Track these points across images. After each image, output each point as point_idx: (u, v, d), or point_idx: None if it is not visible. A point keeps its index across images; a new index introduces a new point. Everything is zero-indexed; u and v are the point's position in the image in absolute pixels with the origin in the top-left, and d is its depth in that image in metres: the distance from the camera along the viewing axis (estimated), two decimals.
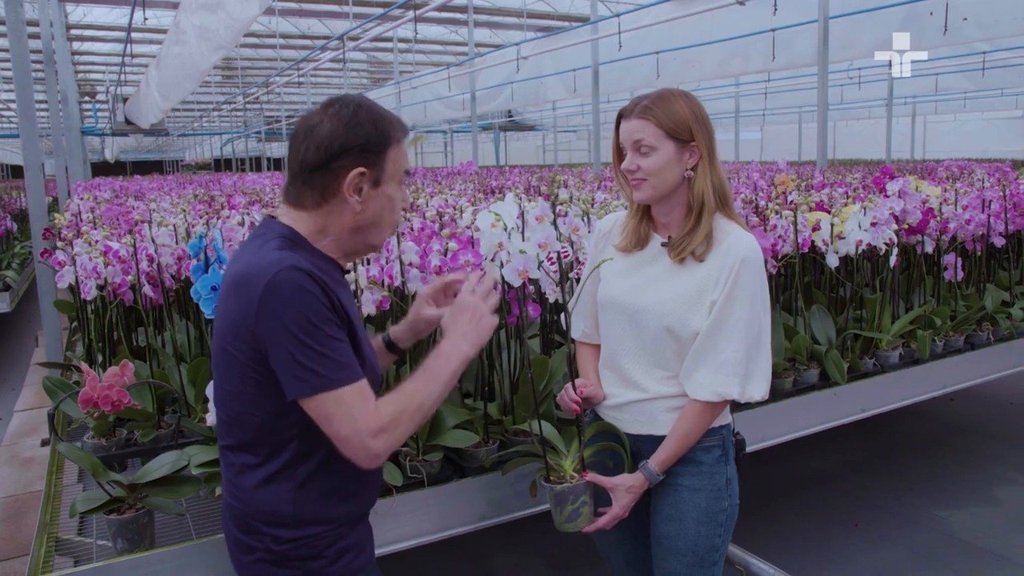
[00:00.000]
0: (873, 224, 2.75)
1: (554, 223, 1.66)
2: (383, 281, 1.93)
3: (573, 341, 1.84)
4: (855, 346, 2.85)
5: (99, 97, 18.66)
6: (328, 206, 1.28)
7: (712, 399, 1.56)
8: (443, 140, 29.26)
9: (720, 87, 15.55)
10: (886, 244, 2.78)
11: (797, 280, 2.74)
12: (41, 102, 14.00)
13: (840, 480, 3.65)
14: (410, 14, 7.20)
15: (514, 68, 11.60)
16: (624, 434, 1.69)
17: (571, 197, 3.50)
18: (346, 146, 1.25)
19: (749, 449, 2.49)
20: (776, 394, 2.58)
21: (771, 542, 3.01)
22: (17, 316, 6.85)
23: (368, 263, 1.98)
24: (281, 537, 1.27)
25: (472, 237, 2.02)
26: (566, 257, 2.05)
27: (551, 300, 2.08)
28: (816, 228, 2.75)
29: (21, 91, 4.11)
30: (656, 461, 1.62)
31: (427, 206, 2.70)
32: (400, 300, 1.99)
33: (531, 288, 2.18)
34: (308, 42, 15.00)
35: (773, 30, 8.35)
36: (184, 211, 2.99)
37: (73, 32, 15.02)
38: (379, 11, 8.49)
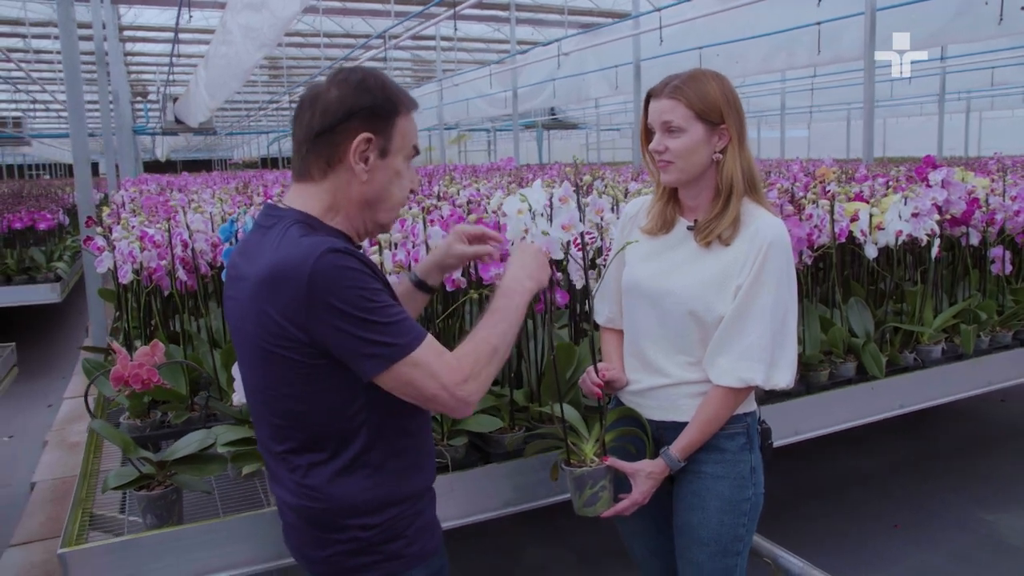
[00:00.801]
0: (914, 214, 2.67)
1: (578, 204, 1.65)
2: (409, 265, 1.94)
3: (597, 327, 1.83)
4: (894, 340, 2.77)
5: (151, 97, 19.17)
6: (334, 175, 1.25)
7: (736, 385, 1.53)
8: (486, 139, 29.37)
9: (765, 83, 15.31)
10: (928, 235, 2.69)
11: (834, 272, 2.68)
12: (93, 102, 14.46)
13: (881, 480, 3.56)
14: (449, 11, 7.23)
15: (556, 65, 11.59)
16: (646, 420, 1.67)
17: (605, 186, 3.48)
18: (352, 109, 1.22)
19: (782, 442, 2.44)
20: (811, 387, 2.52)
21: (806, 541, 2.94)
22: (68, 307, 7.07)
23: (395, 247, 1.99)
24: (368, 524, 1.25)
25: (499, 223, 2.01)
26: (592, 242, 2.03)
27: (578, 286, 2.07)
28: (854, 218, 2.69)
29: (71, 89, 4.24)
30: (677, 447, 1.59)
31: (458, 195, 2.71)
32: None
33: (559, 275, 2.17)
34: (352, 41, 15.17)
35: (819, 23, 8.19)
36: (221, 200, 3.05)
37: (126, 33, 15.45)
38: (419, 8, 8.53)
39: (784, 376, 1.54)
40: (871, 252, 2.64)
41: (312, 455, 1.24)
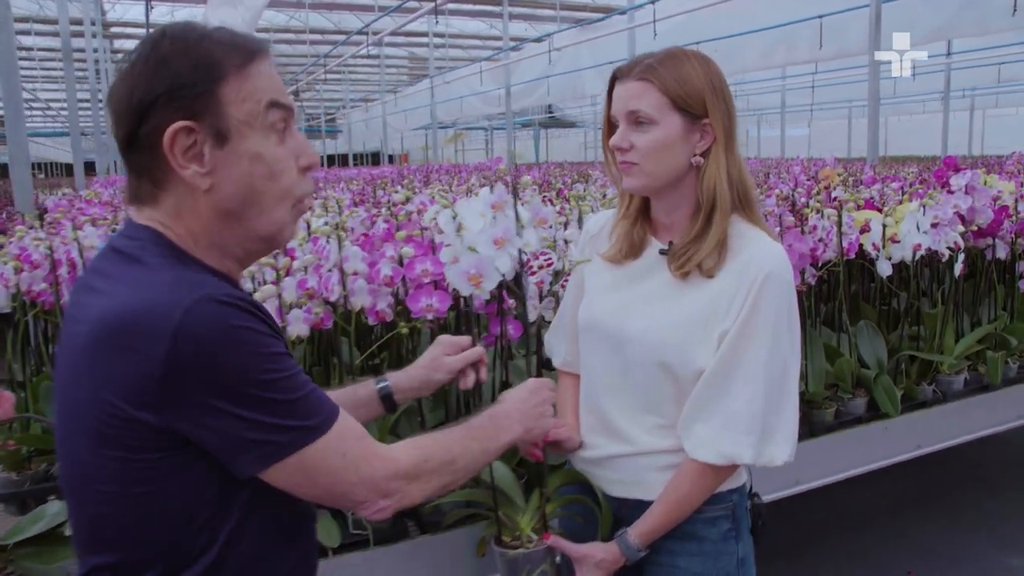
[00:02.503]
0: (934, 225, 2.32)
1: (515, 213, 1.28)
2: (335, 305, 1.58)
3: (544, 369, 1.47)
4: (910, 370, 2.41)
5: None
6: (168, 194, 0.87)
7: (716, 462, 1.17)
8: (484, 137, 29.01)
9: (765, 80, 14.96)
10: (950, 249, 2.33)
11: (841, 291, 2.31)
12: (84, 100, 14.06)
13: (889, 518, 3.19)
14: (430, 5, 6.87)
15: (548, 61, 11.22)
16: (603, 493, 1.31)
17: (584, 190, 3.13)
18: (148, 96, 0.84)
19: (781, 495, 2.09)
20: (815, 428, 2.17)
21: None
22: None
23: (306, 271, 1.63)
24: None
25: (434, 241, 1.66)
26: (550, 265, 1.67)
27: (531, 318, 1.71)
28: (865, 229, 2.33)
29: (7, 84, 3.90)
30: (638, 531, 1.23)
31: (406, 203, 2.35)
32: (344, 320, 1.64)
33: (511, 302, 1.81)
34: (344, 37, 14.83)
35: (820, 16, 7.85)
36: None
37: (113, 30, 15.10)
38: (398, 2, 8.17)
39: (780, 452, 1.18)
40: (885, 269, 2.28)
41: None
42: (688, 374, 1.20)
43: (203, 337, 0.78)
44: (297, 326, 1.51)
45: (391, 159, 22.19)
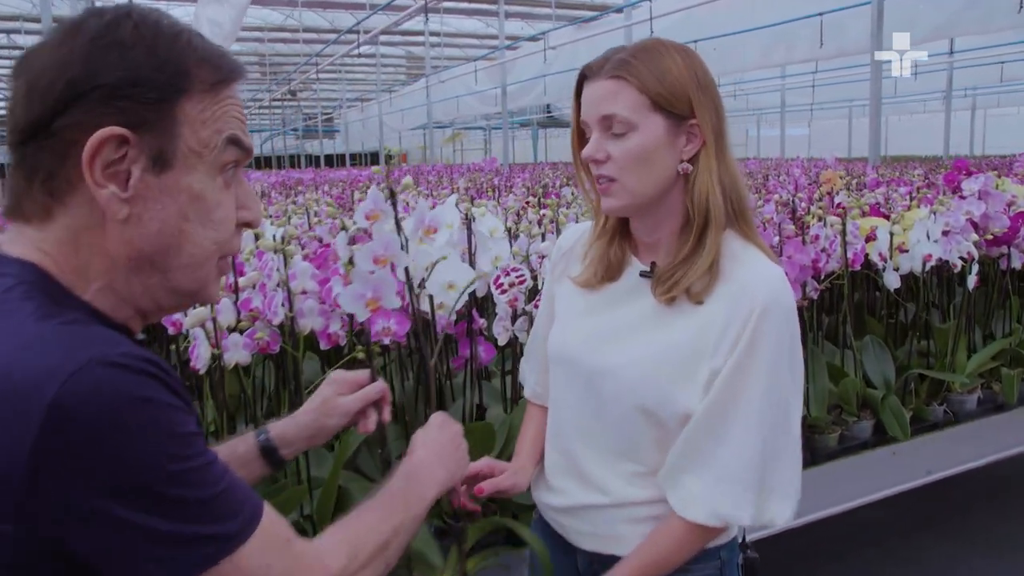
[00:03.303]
0: (945, 233, 2.16)
1: (396, 223, 1.09)
2: (265, 316, 1.41)
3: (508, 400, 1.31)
4: (920, 389, 2.25)
5: None
6: (66, 213, 0.66)
7: (708, 522, 1.00)
8: (483, 137, 28.90)
9: (765, 79, 14.80)
10: (962, 259, 2.17)
11: (846, 305, 2.15)
12: None
13: (898, 541, 3.02)
14: (422, 2, 6.71)
15: (545, 61, 11.06)
16: (573, 546, 1.14)
17: (572, 195, 2.96)
18: (85, 83, 0.63)
19: (775, 531, 1.92)
20: (817, 455, 2.00)
21: None
22: None
23: (254, 288, 1.46)
24: None
25: None
26: (522, 283, 1.51)
27: (501, 341, 1.55)
28: (871, 238, 2.17)
29: None
30: None
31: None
32: (292, 344, 1.47)
33: (482, 322, 1.65)
34: (337, 35, 14.69)
35: (821, 14, 7.69)
36: None
37: None
38: (386, 0, 8.01)
39: (783, 508, 1.01)
40: (892, 281, 2.12)
41: None
42: (672, 418, 1.03)
43: (89, 414, 0.57)
44: (236, 352, 1.34)
45: (389, 159, 22.03)
